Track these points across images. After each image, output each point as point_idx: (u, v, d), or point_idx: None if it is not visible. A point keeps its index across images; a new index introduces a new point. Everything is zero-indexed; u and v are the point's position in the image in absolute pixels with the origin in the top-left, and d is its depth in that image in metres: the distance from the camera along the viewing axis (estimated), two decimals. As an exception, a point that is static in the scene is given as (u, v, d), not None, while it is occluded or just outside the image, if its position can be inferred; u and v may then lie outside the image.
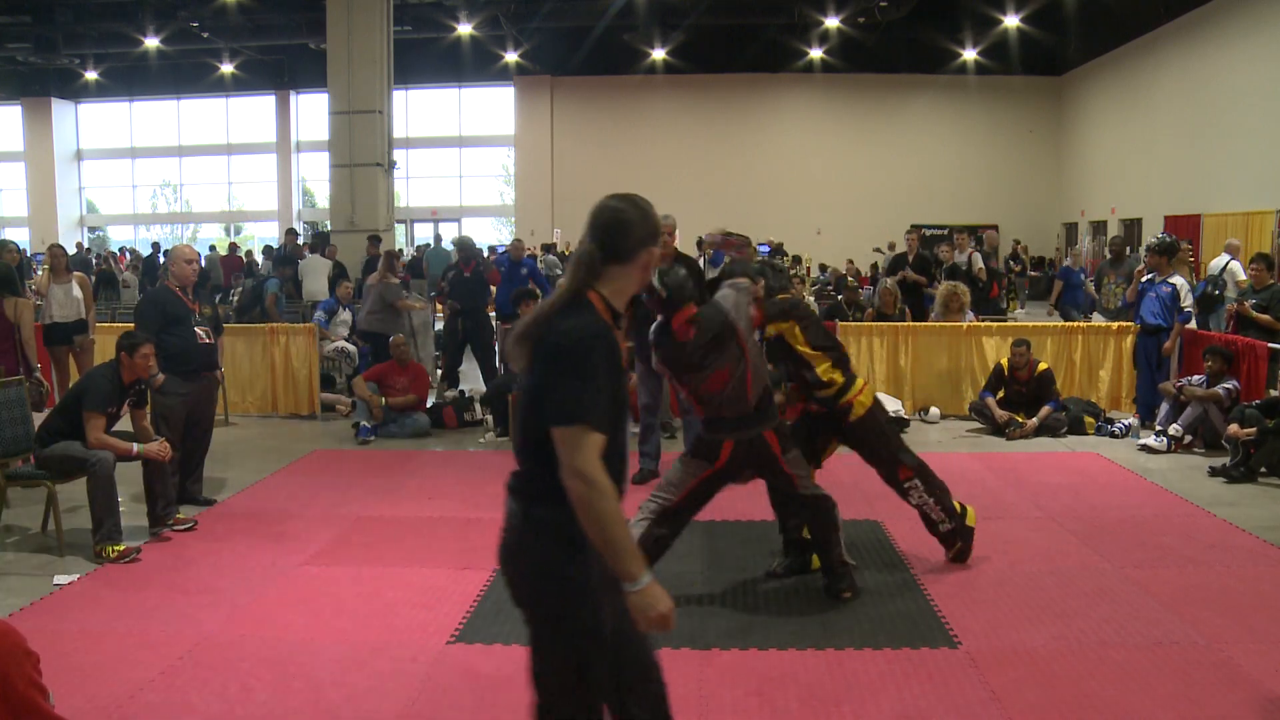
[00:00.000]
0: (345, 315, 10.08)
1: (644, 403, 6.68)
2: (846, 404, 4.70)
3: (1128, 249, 10.96)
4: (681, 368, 4.25)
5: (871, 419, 4.76)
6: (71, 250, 18.43)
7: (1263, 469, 6.59)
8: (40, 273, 11.72)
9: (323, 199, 27.21)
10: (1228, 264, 10.12)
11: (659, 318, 4.31)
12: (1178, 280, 8.23)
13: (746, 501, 6.15)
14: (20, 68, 25.38)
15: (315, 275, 12.50)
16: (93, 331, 8.52)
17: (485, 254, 12.69)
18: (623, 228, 2.38)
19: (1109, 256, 9.95)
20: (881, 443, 4.79)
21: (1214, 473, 6.69)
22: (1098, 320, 9.34)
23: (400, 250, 21.05)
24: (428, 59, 24.11)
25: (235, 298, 12.43)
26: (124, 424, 5.59)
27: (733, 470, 4.42)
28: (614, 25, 21.73)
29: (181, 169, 29.32)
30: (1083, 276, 13.32)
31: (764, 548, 5.27)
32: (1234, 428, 6.65)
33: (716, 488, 4.49)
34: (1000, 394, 8.19)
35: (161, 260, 18.73)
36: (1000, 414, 8.01)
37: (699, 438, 4.46)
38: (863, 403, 4.73)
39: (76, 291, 8.54)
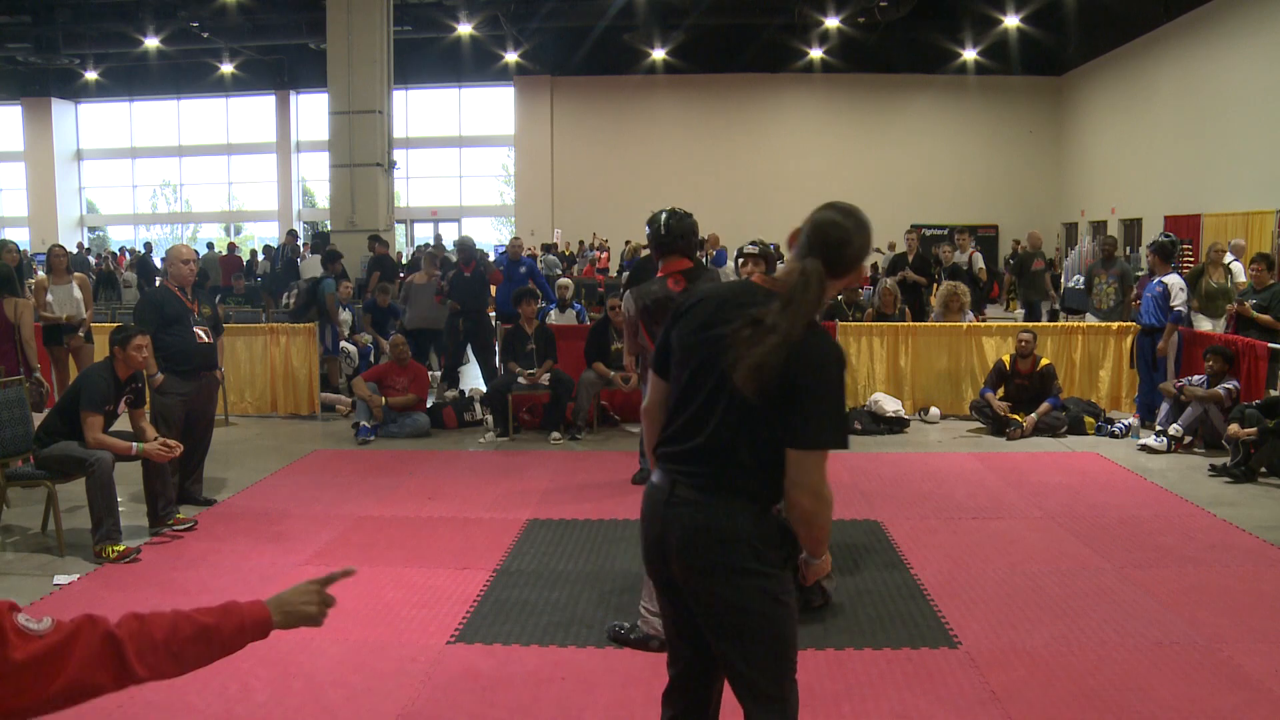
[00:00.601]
0: (345, 315, 10.09)
1: (646, 404, 6.53)
2: None
3: (1129, 249, 10.98)
4: (661, 315, 4.24)
5: None
6: (72, 250, 18.45)
7: (1263, 469, 6.59)
8: (40, 273, 11.73)
9: (323, 199, 27.22)
10: (1230, 264, 10.12)
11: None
12: (1170, 279, 8.23)
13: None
14: (20, 68, 25.39)
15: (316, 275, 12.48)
16: (83, 330, 8.49)
17: (491, 256, 12.69)
18: (845, 244, 2.27)
19: (1099, 256, 9.93)
20: None
21: (1214, 473, 6.69)
22: (1091, 320, 9.34)
23: (400, 250, 21.09)
24: (428, 59, 24.13)
25: (289, 300, 12.39)
26: (123, 423, 5.59)
27: None
28: (614, 25, 21.74)
29: (181, 169, 29.33)
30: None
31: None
32: (1234, 428, 6.65)
33: None
34: (1001, 391, 8.20)
35: (156, 260, 18.79)
36: (1001, 406, 8.02)
37: None
38: None
39: (77, 292, 8.55)
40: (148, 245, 21.73)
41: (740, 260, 5.67)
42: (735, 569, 2.23)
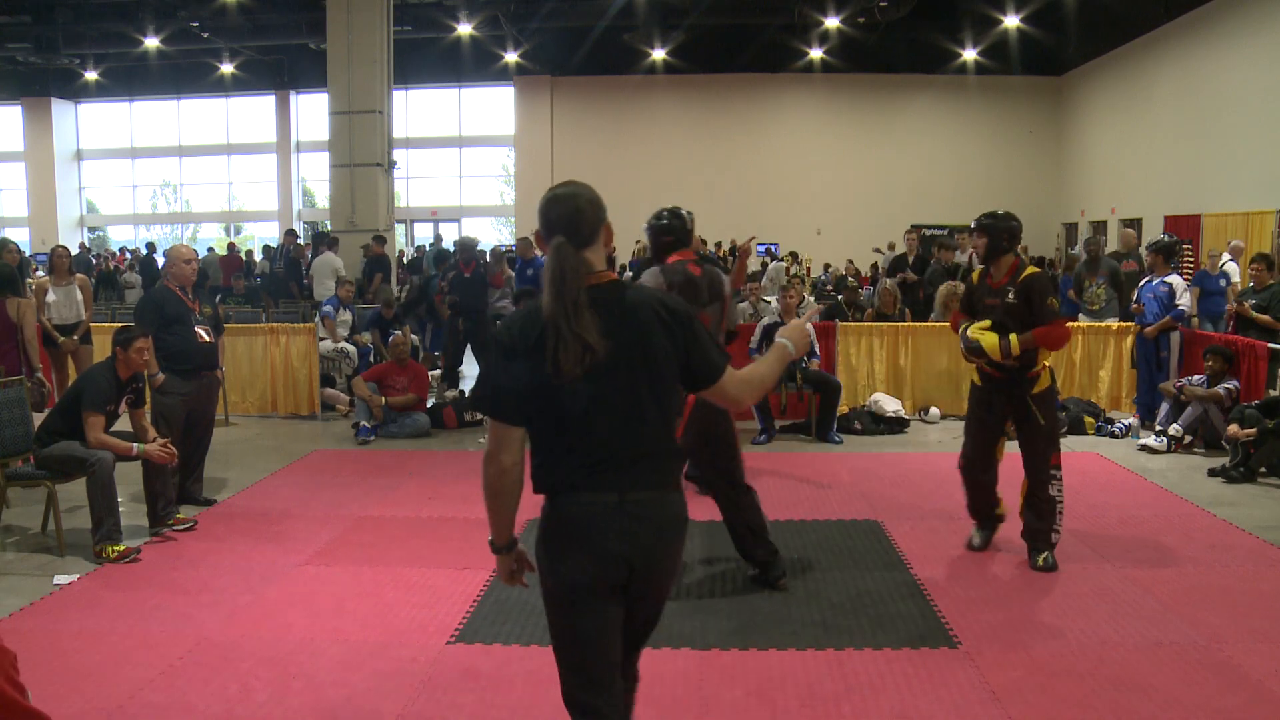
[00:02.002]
0: (346, 316, 10.08)
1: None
2: None
3: (1135, 249, 10.98)
4: (688, 295, 4.43)
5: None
6: (74, 250, 18.44)
7: (1263, 469, 6.59)
8: (39, 274, 11.71)
9: (323, 199, 27.21)
10: (1226, 263, 10.14)
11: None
12: (1173, 279, 8.24)
13: (746, 501, 6.15)
14: (20, 68, 25.38)
15: (327, 276, 12.40)
16: (79, 334, 8.48)
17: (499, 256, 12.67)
18: (584, 215, 2.36)
19: (1084, 258, 9.91)
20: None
21: (1214, 473, 6.69)
22: (1084, 321, 9.33)
23: (401, 250, 21.10)
24: (428, 59, 24.12)
25: (401, 294, 12.38)
26: (123, 423, 5.59)
27: (689, 431, 4.41)
28: (614, 25, 21.72)
29: (181, 169, 29.32)
30: (1223, 283, 10.67)
31: (764, 548, 5.27)
32: (1234, 428, 6.65)
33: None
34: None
35: (158, 260, 18.77)
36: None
37: None
38: None
39: (78, 294, 8.54)
40: (150, 245, 21.72)
41: None
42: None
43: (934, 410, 8.77)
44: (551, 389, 2.25)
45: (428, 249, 21.06)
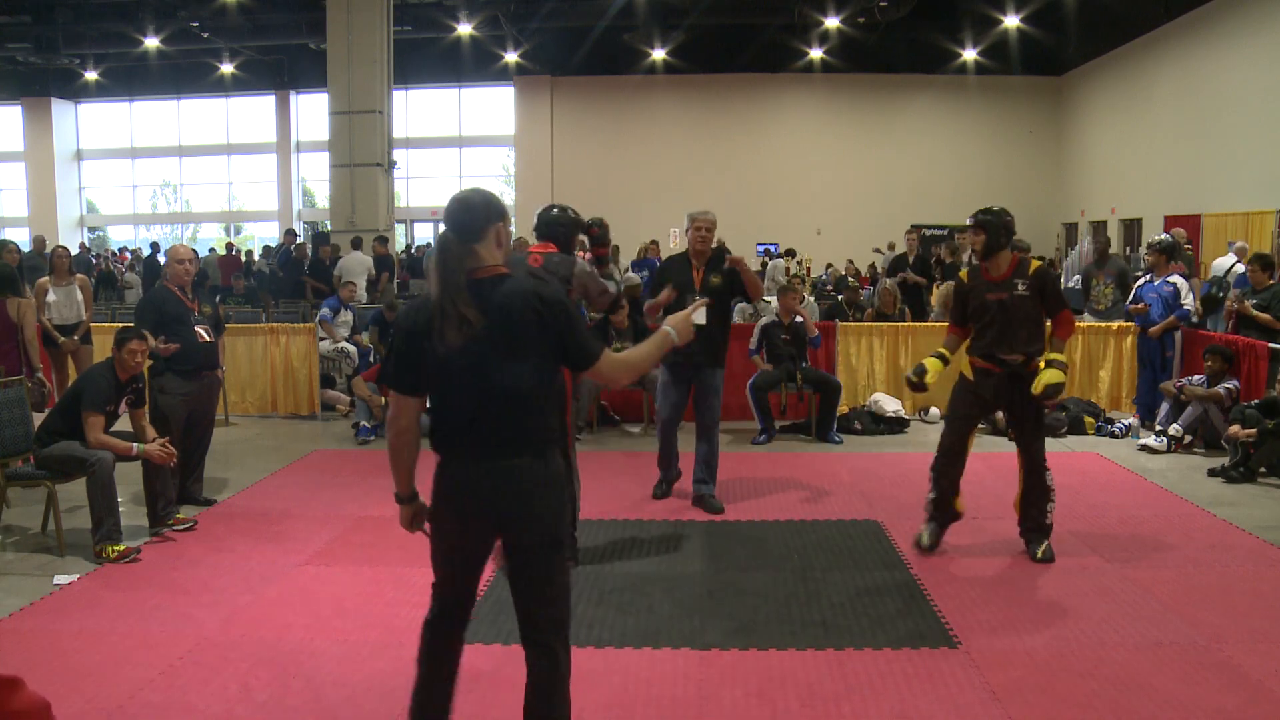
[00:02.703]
0: (347, 316, 10.08)
1: (665, 417, 6.16)
2: None
3: (1129, 249, 10.96)
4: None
5: None
6: (75, 251, 18.44)
7: (1263, 469, 6.58)
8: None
9: (323, 199, 27.21)
10: (1233, 266, 10.12)
11: None
12: (1177, 279, 8.25)
13: (746, 501, 6.15)
14: (20, 68, 25.39)
15: (359, 275, 12.28)
16: (79, 334, 8.48)
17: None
18: (469, 213, 2.74)
19: (1094, 256, 9.92)
20: None
21: (1214, 473, 6.69)
22: (1090, 320, 9.33)
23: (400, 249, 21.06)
24: (428, 59, 24.13)
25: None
26: (123, 423, 5.59)
27: None
28: (614, 25, 21.73)
29: (181, 169, 29.32)
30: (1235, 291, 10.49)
31: (764, 548, 5.27)
32: (1234, 428, 6.65)
33: None
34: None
35: (161, 260, 18.76)
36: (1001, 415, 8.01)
37: None
38: None
39: (78, 294, 8.54)
40: (154, 245, 21.73)
41: None
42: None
43: (934, 410, 8.76)
44: (437, 363, 2.64)
45: (428, 249, 21.06)
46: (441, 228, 2.82)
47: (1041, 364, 4.94)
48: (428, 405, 2.79)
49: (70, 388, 5.65)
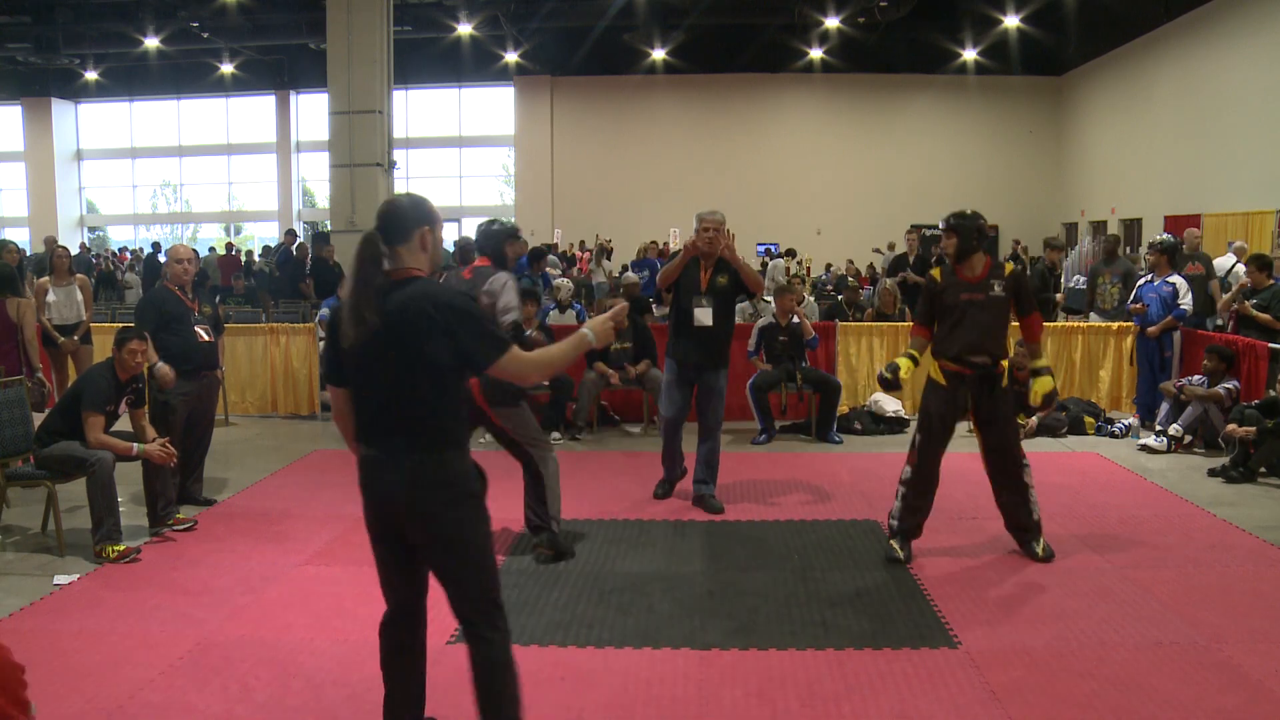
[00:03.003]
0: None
1: (669, 415, 6.12)
2: None
3: (1129, 249, 10.94)
4: None
5: None
6: (75, 251, 18.45)
7: (1262, 469, 6.58)
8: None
9: (323, 199, 27.22)
10: (1234, 266, 10.13)
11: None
12: (1177, 280, 8.25)
13: (746, 501, 6.16)
14: (20, 68, 25.39)
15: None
16: (79, 334, 8.48)
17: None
18: (398, 215, 2.84)
19: (1102, 256, 9.92)
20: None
21: (1214, 473, 6.69)
22: (1095, 320, 9.33)
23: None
24: (428, 59, 24.13)
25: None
26: (124, 423, 5.59)
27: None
28: (614, 25, 21.73)
29: (181, 169, 29.33)
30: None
31: (764, 548, 5.27)
32: (1233, 427, 6.64)
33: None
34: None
35: (161, 260, 18.77)
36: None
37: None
38: None
39: (78, 294, 8.54)
40: (155, 245, 21.73)
41: None
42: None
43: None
44: (346, 358, 2.81)
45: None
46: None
47: (1015, 369, 5.03)
48: None
49: (70, 388, 5.65)
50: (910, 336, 5.31)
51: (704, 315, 5.81)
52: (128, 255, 23.45)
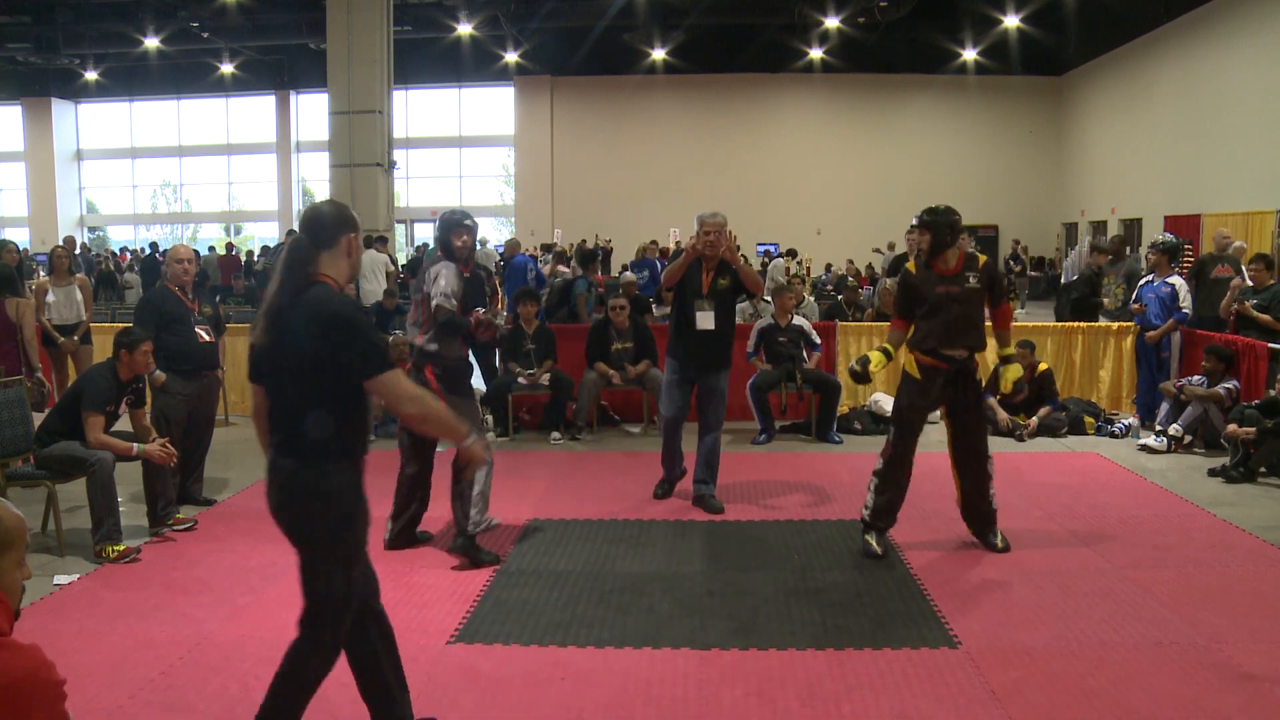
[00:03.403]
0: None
1: (669, 415, 6.11)
2: None
3: (1126, 248, 10.95)
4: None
5: None
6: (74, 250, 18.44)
7: (1263, 469, 6.58)
8: (40, 274, 11.70)
9: (323, 199, 27.20)
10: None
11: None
12: (1176, 280, 8.25)
13: (746, 501, 6.15)
14: (20, 68, 25.40)
15: (373, 275, 11.93)
16: (79, 334, 8.47)
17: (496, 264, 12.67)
18: (322, 221, 2.87)
19: (1110, 256, 9.94)
20: None
21: (1214, 473, 6.69)
22: (1099, 320, 9.33)
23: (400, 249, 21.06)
24: (428, 59, 24.14)
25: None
26: (124, 423, 5.59)
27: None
28: (614, 25, 21.74)
29: (181, 169, 29.34)
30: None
31: (764, 548, 5.27)
32: (1233, 427, 6.64)
33: None
34: (1000, 395, 8.18)
35: (160, 260, 18.77)
36: (1004, 416, 8.01)
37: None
38: None
39: (78, 294, 8.54)
40: (153, 245, 21.74)
41: None
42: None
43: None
44: (256, 357, 2.87)
45: (428, 249, 21.08)
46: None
47: (983, 359, 5.19)
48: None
49: (70, 388, 5.65)
50: (889, 330, 5.34)
51: (705, 319, 5.81)
52: (127, 255, 23.47)
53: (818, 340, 8.44)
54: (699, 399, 5.98)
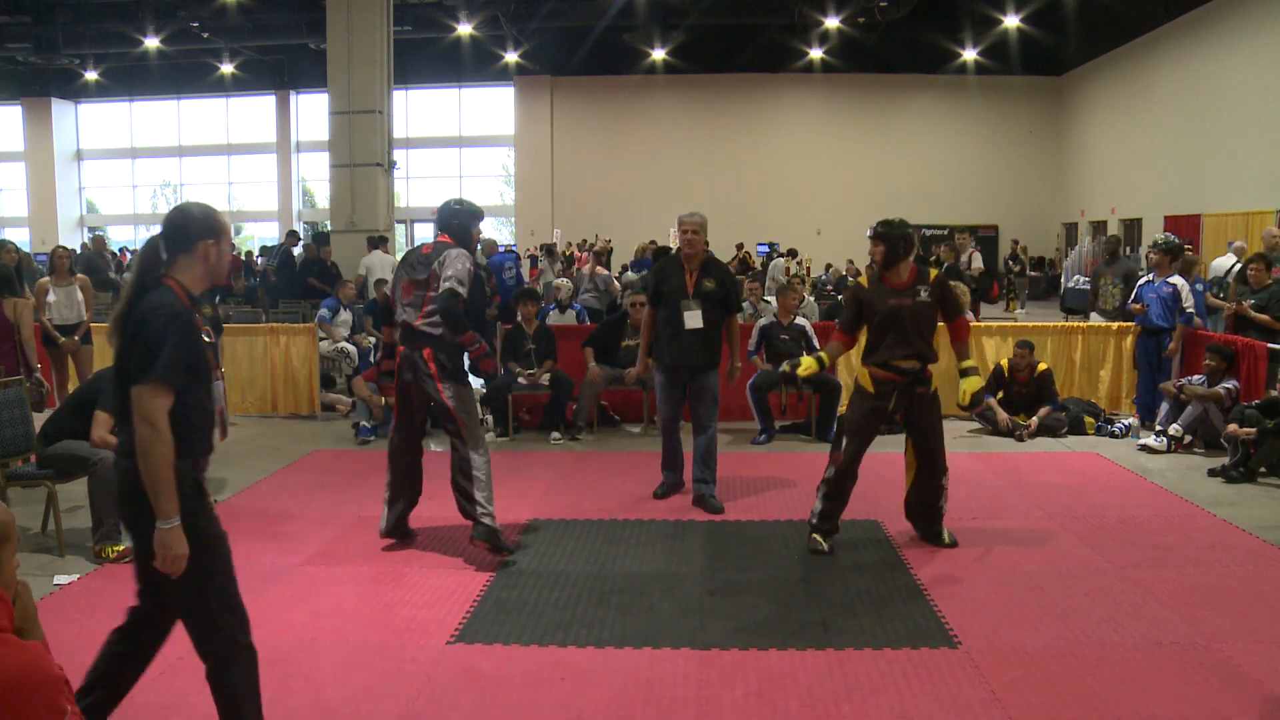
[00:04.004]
0: (346, 315, 10.08)
1: (665, 415, 6.17)
2: None
3: (1129, 249, 10.95)
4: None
5: None
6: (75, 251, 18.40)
7: (1263, 469, 6.58)
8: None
9: (323, 199, 27.23)
10: (1233, 266, 10.13)
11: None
12: (1178, 280, 8.25)
13: (746, 501, 6.16)
14: (20, 68, 25.41)
15: (383, 273, 11.92)
16: (79, 334, 8.47)
17: (504, 268, 12.69)
18: (183, 224, 2.82)
19: (1104, 256, 9.93)
20: None
21: (1214, 473, 6.69)
22: (1096, 320, 9.33)
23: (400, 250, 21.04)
24: (428, 59, 24.14)
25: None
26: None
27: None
28: (614, 25, 21.75)
29: (181, 169, 29.35)
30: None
31: (764, 548, 5.27)
32: (1233, 427, 6.64)
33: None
34: (1000, 395, 8.19)
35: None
36: (1004, 416, 8.01)
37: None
38: None
39: (78, 294, 8.54)
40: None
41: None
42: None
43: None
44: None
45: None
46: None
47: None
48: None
49: (86, 385, 5.64)
50: (830, 342, 5.35)
51: (694, 318, 5.85)
52: (127, 256, 23.45)
53: (817, 346, 8.43)
54: (690, 399, 6.01)
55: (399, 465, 5.23)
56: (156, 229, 2.94)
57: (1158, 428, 7.62)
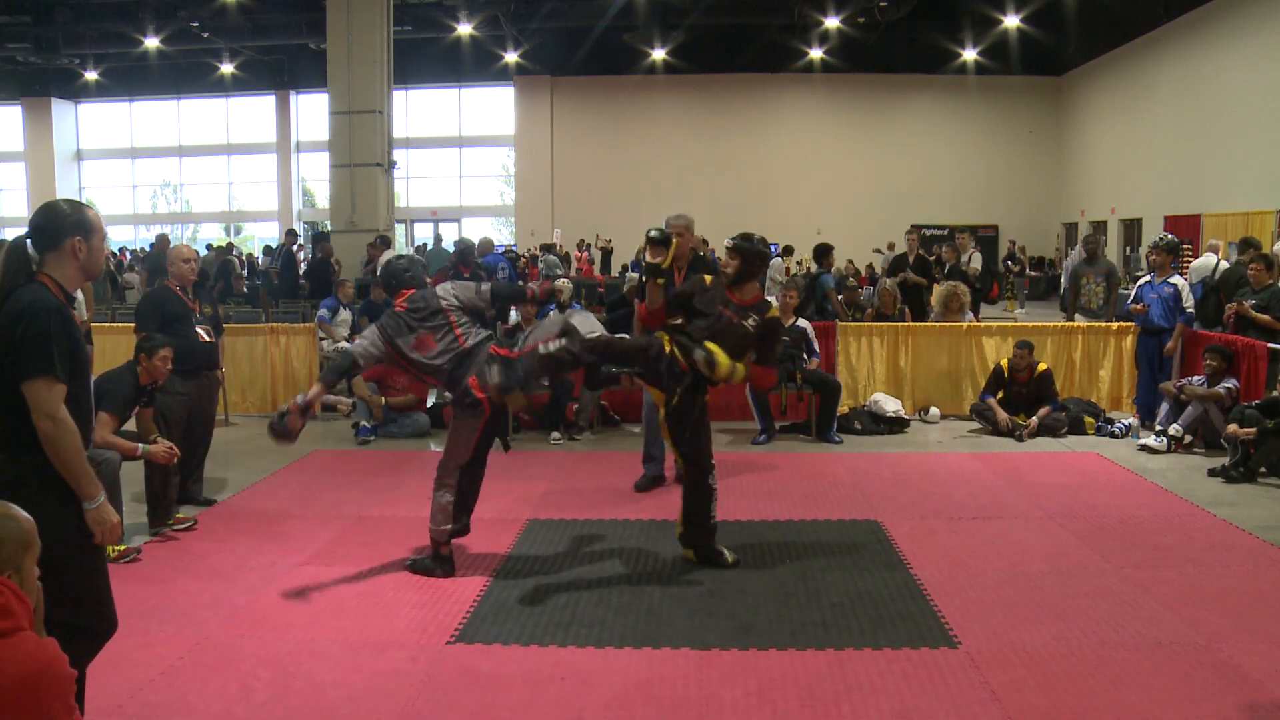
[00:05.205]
0: (345, 315, 10.08)
1: (649, 403, 6.31)
2: None
3: (1129, 249, 10.95)
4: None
5: None
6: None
7: (1263, 469, 6.58)
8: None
9: (323, 199, 27.23)
10: (1217, 265, 10.16)
11: None
12: (1178, 280, 8.24)
13: (745, 501, 6.16)
14: (20, 68, 25.42)
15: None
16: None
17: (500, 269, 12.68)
18: (51, 222, 2.80)
19: (1083, 256, 9.89)
20: None
21: (1214, 473, 6.69)
22: (1080, 320, 9.31)
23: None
24: (428, 59, 24.15)
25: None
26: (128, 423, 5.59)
27: (498, 415, 4.78)
28: (614, 25, 21.76)
29: (181, 169, 29.36)
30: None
31: (764, 547, 5.27)
32: (1233, 427, 6.64)
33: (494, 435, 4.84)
34: (1000, 395, 8.19)
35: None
36: (1004, 416, 8.01)
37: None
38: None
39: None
40: (164, 238, 21.69)
41: None
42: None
43: (934, 410, 8.76)
44: None
45: (428, 249, 21.08)
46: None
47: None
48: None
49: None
50: (645, 316, 4.97)
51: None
52: (127, 255, 23.46)
53: (817, 348, 8.44)
54: None
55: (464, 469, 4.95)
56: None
57: (1158, 428, 7.62)
